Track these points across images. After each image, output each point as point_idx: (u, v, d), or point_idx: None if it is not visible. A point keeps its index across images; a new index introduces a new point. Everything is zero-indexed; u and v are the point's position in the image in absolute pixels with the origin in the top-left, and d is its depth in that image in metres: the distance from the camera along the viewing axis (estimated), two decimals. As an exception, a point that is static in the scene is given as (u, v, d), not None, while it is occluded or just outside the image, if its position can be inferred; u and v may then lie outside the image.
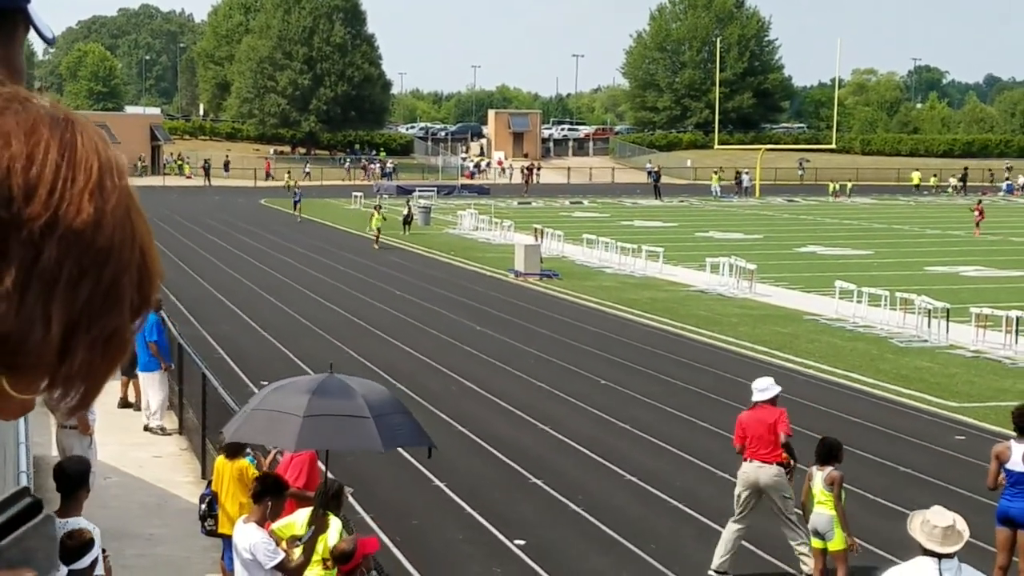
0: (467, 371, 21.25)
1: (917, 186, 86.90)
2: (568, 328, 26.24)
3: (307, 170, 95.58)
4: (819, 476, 10.28)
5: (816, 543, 10.37)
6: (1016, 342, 22.65)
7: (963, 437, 16.73)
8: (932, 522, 6.91)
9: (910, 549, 12.10)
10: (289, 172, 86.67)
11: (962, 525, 6.91)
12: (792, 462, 11.53)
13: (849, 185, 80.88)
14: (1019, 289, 32.17)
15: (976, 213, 50.73)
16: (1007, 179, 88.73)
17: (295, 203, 57.76)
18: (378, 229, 43.60)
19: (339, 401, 7.98)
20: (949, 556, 6.86)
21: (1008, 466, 10.17)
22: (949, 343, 23.66)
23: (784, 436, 11.32)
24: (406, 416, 8.43)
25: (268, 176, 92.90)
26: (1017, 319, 22.71)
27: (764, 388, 11.48)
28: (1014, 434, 10.43)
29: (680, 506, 13.59)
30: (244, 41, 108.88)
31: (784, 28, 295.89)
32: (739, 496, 11.57)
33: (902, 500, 13.63)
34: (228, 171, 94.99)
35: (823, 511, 10.26)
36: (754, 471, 11.36)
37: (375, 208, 46.12)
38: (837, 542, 10.15)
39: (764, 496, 11.48)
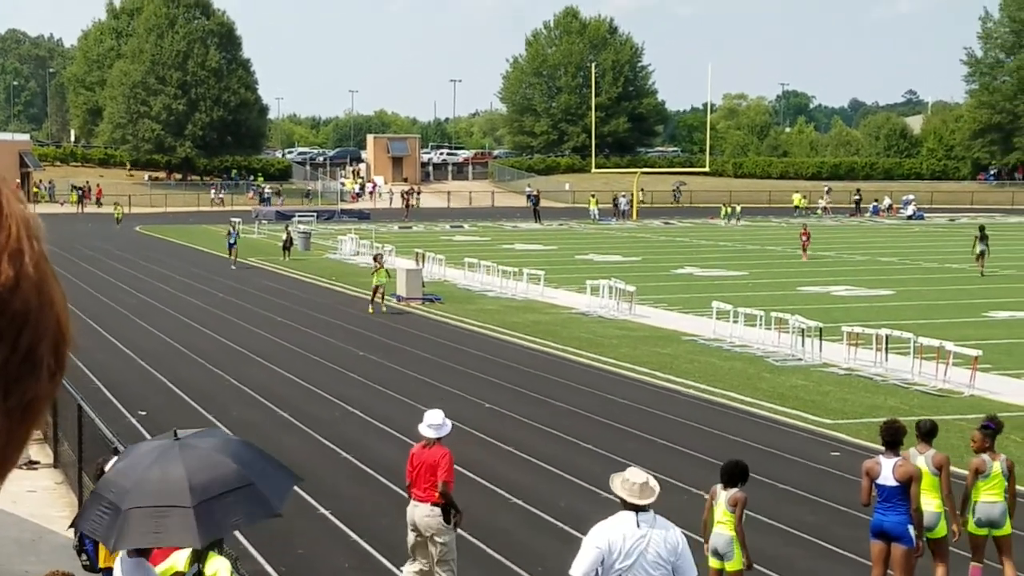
0: (350, 397, 21.16)
1: (797, 207, 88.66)
2: (451, 352, 26.28)
3: (220, 196, 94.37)
4: (723, 496, 10.38)
5: (714, 563, 10.44)
6: (886, 359, 23.26)
7: (838, 453, 17.13)
8: (630, 480, 7.95)
9: (786, 565, 12.36)
10: (116, 203, 79.93)
11: (654, 483, 8.02)
12: (454, 512, 10.96)
13: (739, 208, 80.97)
14: (888, 308, 33.08)
15: (803, 237, 49.45)
16: (823, 200, 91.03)
17: (230, 246, 46.65)
18: (378, 287, 32.65)
19: (160, 485, 7.23)
20: (645, 509, 7.94)
21: (879, 481, 10.41)
22: (823, 361, 24.22)
23: (443, 483, 10.76)
24: (246, 491, 7.43)
25: (99, 202, 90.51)
26: (887, 337, 23.32)
27: (439, 425, 10.96)
28: (883, 449, 10.72)
29: (565, 527, 13.69)
30: (116, 66, 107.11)
31: (657, 54, 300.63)
32: (408, 540, 11.26)
33: (780, 516, 13.91)
34: (90, 196, 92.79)
35: (724, 531, 10.36)
36: (411, 510, 11.04)
37: (375, 260, 33.66)
38: (736, 563, 10.30)
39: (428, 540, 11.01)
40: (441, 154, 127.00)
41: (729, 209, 78.67)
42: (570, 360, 25.37)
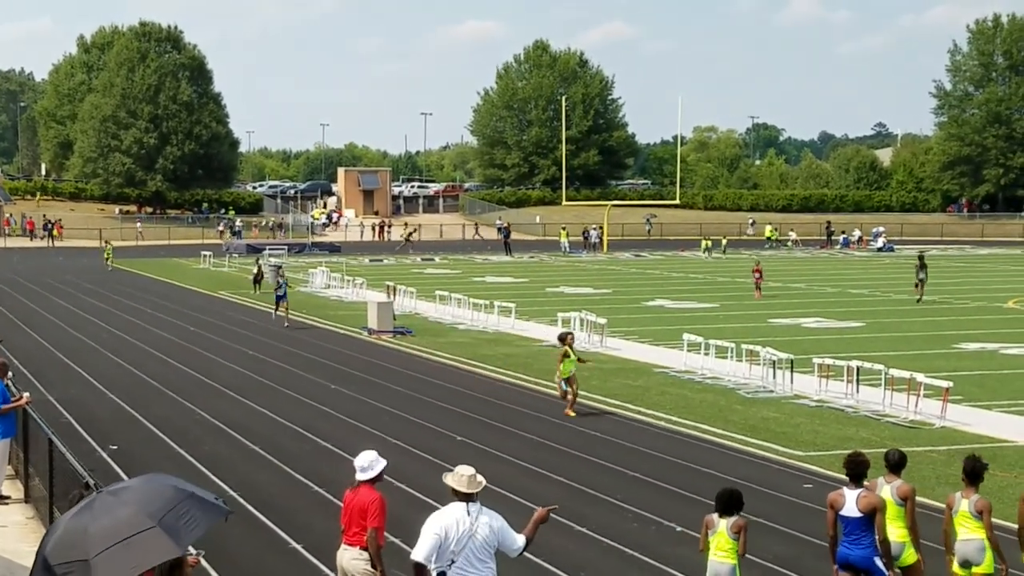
0: (322, 430, 21.09)
1: (769, 239, 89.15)
2: (422, 385, 26.25)
3: (220, 228, 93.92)
4: (723, 524, 10.44)
5: None
6: (858, 391, 23.36)
7: (810, 485, 17.16)
8: (460, 472, 9.06)
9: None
10: (107, 241, 74.65)
11: (480, 477, 9.10)
12: (377, 567, 10.33)
13: (724, 241, 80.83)
14: (858, 339, 33.24)
15: (755, 275, 47.32)
16: (786, 235, 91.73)
17: (278, 298, 38.64)
18: (567, 380, 22.75)
19: (118, 522, 7.30)
20: (473, 499, 9.01)
21: (843, 512, 10.45)
22: (794, 393, 24.29)
23: (371, 530, 10.31)
24: (189, 500, 7.61)
25: (43, 234, 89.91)
26: (858, 369, 23.43)
27: (365, 467, 10.45)
28: (848, 480, 10.75)
29: (539, 561, 13.68)
30: (87, 99, 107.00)
31: (627, 87, 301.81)
32: None
33: (754, 549, 13.89)
34: (48, 230, 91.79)
35: (727, 560, 10.39)
36: (340, 553, 10.63)
37: (563, 341, 23.08)
38: None
39: None
40: (412, 187, 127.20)
41: (708, 242, 78.04)
42: (541, 392, 25.36)
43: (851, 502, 10.37)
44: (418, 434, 20.80)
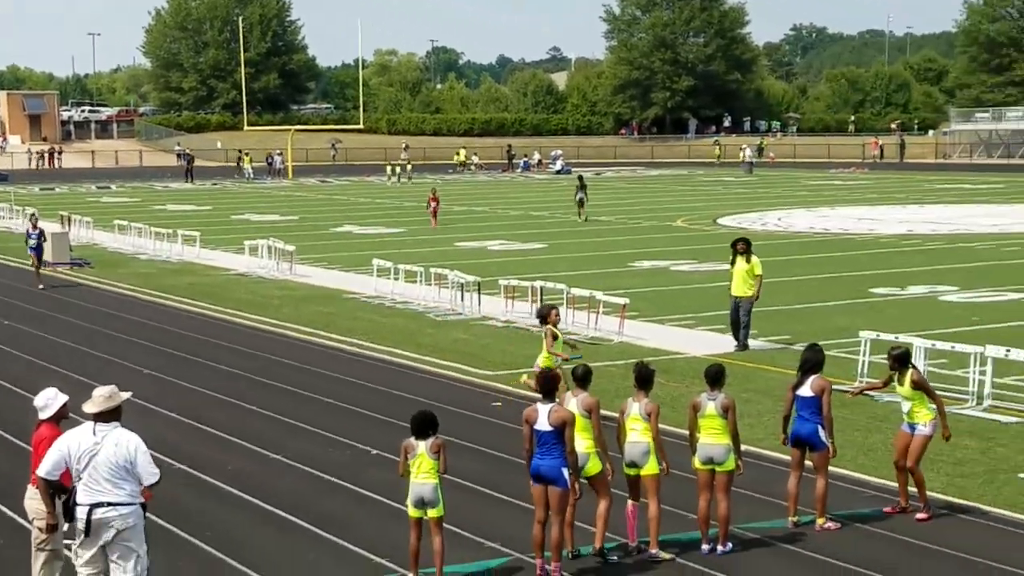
0: (-2, 370, 20.14)
1: (463, 163, 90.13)
2: (105, 318, 25.41)
3: None
4: (423, 446, 10.58)
5: (418, 513, 10.58)
6: (542, 311, 24.11)
7: (499, 403, 17.72)
8: (95, 392, 9.18)
9: (453, 513, 12.74)
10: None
11: (122, 396, 9.30)
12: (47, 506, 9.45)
13: (409, 166, 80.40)
14: (541, 260, 34.31)
15: (432, 203, 45.51)
16: (465, 156, 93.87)
17: (34, 251, 30.48)
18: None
19: None
20: (106, 421, 9.12)
21: (536, 427, 10.93)
22: (482, 315, 24.89)
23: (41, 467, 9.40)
24: None
25: None
26: (541, 289, 24.22)
27: (43, 405, 9.88)
28: (541, 396, 11.23)
29: (233, 491, 13.60)
30: None
31: (305, 8, 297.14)
32: None
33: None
34: None
35: (428, 481, 10.51)
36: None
37: (544, 319, 16.66)
38: (440, 509, 10.56)
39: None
40: (82, 111, 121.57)
41: (397, 168, 77.26)
42: (232, 322, 25.04)
43: (543, 417, 10.85)
44: (103, 369, 20.14)
